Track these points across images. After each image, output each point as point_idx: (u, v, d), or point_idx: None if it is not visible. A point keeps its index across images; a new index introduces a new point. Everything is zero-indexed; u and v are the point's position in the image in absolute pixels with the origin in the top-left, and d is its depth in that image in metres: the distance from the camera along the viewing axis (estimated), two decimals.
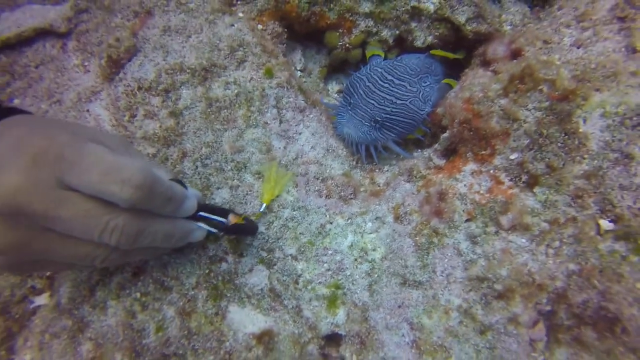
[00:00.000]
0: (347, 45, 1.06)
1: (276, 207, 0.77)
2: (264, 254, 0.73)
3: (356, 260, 0.73)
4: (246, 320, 0.68)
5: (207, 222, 0.63)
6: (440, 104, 0.95)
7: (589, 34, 0.76)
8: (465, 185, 0.74)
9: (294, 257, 0.73)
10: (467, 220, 0.72)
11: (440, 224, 0.73)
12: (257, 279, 0.71)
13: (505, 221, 0.69)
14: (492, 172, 0.74)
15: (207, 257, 0.71)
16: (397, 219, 0.76)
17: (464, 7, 0.97)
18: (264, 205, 0.75)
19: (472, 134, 0.77)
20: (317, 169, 0.83)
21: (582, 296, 0.64)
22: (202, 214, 0.62)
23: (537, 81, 0.71)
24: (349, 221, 0.78)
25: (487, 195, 0.72)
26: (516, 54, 0.84)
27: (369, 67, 1.00)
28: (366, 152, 0.94)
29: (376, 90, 0.94)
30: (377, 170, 0.96)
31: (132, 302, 0.69)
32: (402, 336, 0.67)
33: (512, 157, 0.72)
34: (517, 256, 0.68)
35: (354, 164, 0.95)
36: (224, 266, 0.71)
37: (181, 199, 0.57)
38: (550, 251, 0.67)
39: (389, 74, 0.96)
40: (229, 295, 0.70)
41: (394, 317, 0.68)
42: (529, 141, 0.71)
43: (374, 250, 0.74)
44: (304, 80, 1.09)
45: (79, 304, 0.70)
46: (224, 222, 0.63)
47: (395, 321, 0.68)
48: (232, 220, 0.63)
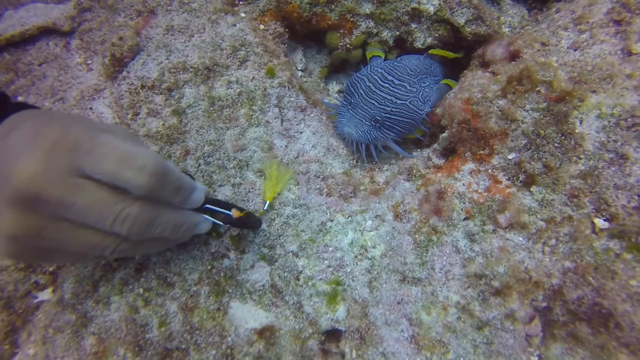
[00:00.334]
0: (348, 45, 1.06)
1: (278, 204, 0.78)
2: (266, 251, 0.74)
3: (356, 257, 0.74)
4: (248, 315, 0.69)
5: (213, 214, 0.64)
6: (439, 104, 0.95)
7: (585, 36, 0.77)
8: (463, 184, 0.76)
9: (295, 254, 0.74)
10: (465, 218, 0.73)
11: (439, 222, 0.74)
12: (259, 275, 0.72)
13: (502, 219, 0.70)
14: (490, 171, 0.75)
15: (209, 253, 0.72)
16: (396, 217, 0.77)
17: (464, 9, 0.98)
18: (267, 202, 0.76)
19: (470, 134, 0.78)
20: (318, 168, 0.84)
21: (577, 293, 0.65)
22: (208, 206, 0.63)
23: (535, 83, 0.72)
24: (349, 219, 0.79)
25: (485, 194, 0.73)
26: (514, 56, 0.85)
27: (369, 67, 1.01)
28: (366, 151, 0.95)
29: (376, 90, 0.95)
30: (377, 169, 0.97)
31: (135, 298, 0.70)
32: (401, 332, 0.68)
33: (510, 156, 0.73)
34: (514, 254, 0.69)
35: (354, 162, 0.96)
36: (226, 262, 0.72)
37: (190, 190, 0.59)
38: (546, 249, 0.68)
39: (389, 75, 0.97)
40: (230, 291, 0.71)
41: (393, 313, 0.69)
42: (526, 141, 0.72)
43: (374, 247, 0.75)
44: (305, 80, 1.10)
45: (83, 299, 0.71)
46: (230, 214, 0.63)
47: (394, 317, 0.69)
48: (235, 215, 0.64)
